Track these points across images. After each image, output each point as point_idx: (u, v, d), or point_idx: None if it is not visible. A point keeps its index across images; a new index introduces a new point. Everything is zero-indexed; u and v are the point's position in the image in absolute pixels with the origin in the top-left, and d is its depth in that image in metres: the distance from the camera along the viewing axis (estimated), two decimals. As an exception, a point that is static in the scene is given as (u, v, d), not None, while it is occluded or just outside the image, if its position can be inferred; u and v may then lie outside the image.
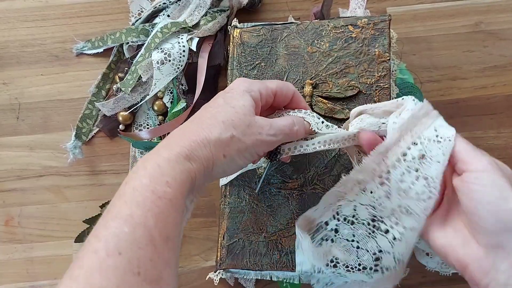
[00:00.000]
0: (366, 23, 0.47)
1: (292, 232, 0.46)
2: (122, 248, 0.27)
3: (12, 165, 0.56)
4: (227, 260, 0.46)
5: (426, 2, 0.57)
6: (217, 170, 0.36)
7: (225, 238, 0.47)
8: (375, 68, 0.46)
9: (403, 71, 0.51)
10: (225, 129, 0.35)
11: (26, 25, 0.59)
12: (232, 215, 0.47)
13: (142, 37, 0.55)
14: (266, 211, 0.46)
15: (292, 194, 0.46)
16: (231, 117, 0.35)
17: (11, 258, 0.54)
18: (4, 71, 0.58)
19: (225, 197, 0.48)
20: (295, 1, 0.58)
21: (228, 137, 0.35)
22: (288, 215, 0.46)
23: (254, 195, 0.47)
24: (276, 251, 0.46)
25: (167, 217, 0.30)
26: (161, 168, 0.32)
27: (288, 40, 0.49)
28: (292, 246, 0.45)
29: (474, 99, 0.54)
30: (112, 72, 0.57)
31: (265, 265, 0.45)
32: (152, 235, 0.29)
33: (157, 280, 0.28)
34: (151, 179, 0.31)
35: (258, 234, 0.46)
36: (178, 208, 0.31)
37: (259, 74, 0.49)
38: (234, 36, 0.50)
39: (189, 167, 0.33)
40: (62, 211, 0.55)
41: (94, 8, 0.59)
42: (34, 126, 0.57)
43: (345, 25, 0.48)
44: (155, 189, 0.30)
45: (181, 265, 0.53)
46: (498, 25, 0.56)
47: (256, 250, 0.46)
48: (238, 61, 0.50)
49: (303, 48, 0.48)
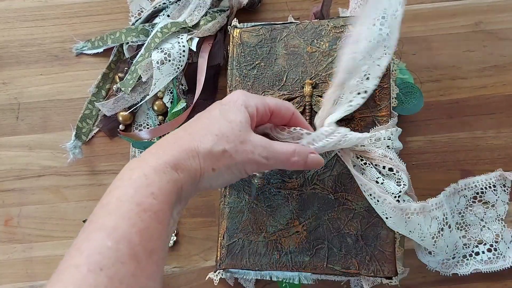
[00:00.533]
0: None
1: (292, 232, 0.46)
2: (104, 264, 0.26)
3: (12, 165, 0.56)
4: (226, 260, 0.46)
5: (426, 2, 0.57)
6: (204, 183, 0.35)
7: (224, 238, 0.46)
8: None
9: (403, 71, 0.51)
10: (218, 143, 0.34)
11: (26, 25, 0.59)
12: (232, 215, 0.47)
13: (142, 37, 0.55)
14: (266, 211, 0.46)
15: (291, 194, 0.46)
16: (225, 131, 0.34)
17: (10, 258, 0.54)
18: (4, 71, 0.58)
19: (224, 197, 0.47)
20: (295, 1, 0.58)
21: (219, 151, 0.34)
22: (287, 215, 0.46)
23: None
24: (275, 251, 0.45)
25: (152, 231, 0.29)
26: (147, 178, 0.31)
27: (287, 40, 0.49)
28: (292, 246, 0.45)
29: (474, 99, 0.54)
30: (112, 72, 0.57)
31: (264, 265, 0.45)
32: (135, 250, 0.28)
33: None
34: (137, 190, 0.30)
35: (257, 234, 0.46)
36: (164, 220, 0.30)
37: (258, 74, 0.49)
38: (233, 36, 0.50)
39: (176, 177, 0.32)
40: (61, 211, 0.55)
41: (93, 8, 0.59)
42: (34, 126, 0.57)
43: (344, 25, 0.48)
44: (141, 201, 0.29)
45: (181, 265, 0.53)
46: (498, 25, 0.56)
47: (256, 250, 0.46)
48: (237, 61, 0.49)
49: (302, 48, 0.48)
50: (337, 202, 0.45)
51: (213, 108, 0.37)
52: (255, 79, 0.48)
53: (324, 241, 0.45)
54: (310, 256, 0.45)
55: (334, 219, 0.45)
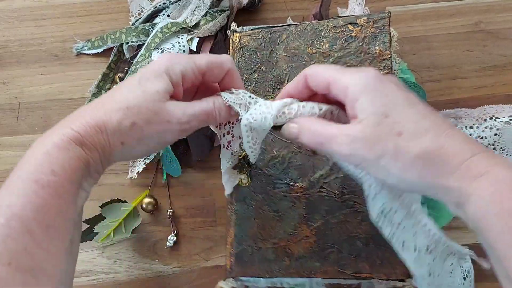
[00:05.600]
0: (366, 21, 0.47)
1: (301, 237, 0.45)
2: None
3: (12, 165, 0.56)
4: (236, 268, 0.45)
5: (426, 2, 0.57)
6: (117, 156, 0.34)
7: (233, 245, 0.45)
8: (377, 66, 0.46)
9: (405, 70, 0.51)
10: (126, 116, 0.33)
11: (26, 25, 0.59)
12: (239, 222, 0.46)
13: (142, 37, 0.55)
14: (273, 217, 0.45)
15: (298, 198, 0.45)
16: (137, 102, 0.33)
17: (11, 258, 0.54)
18: (4, 70, 0.58)
19: (231, 204, 0.46)
20: (295, 1, 0.58)
21: (127, 125, 0.33)
22: (295, 219, 0.45)
23: (260, 201, 0.46)
24: (285, 257, 0.45)
25: (50, 207, 0.30)
26: (50, 155, 0.31)
27: (287, 42, 0.48)
28: (301, 252, 0.44)
29: (474, 99, 0.54)
30: (112, 72, 0.57)
31: (275, 272, 0.44)
32: (29, 226, 0.29)
33: (33, 268, 0.28)
34: (37, 168, 0.31)
35: (266, 240, 0.45)
36: (65, 196, 0.31)
37: (260, 77, 0.48)
38: (233, 40, 0.50)
39: (81, 153, 0.32)
40: None
41: (94, 8, 0.59)
42: (34, 126, 0.57)
43: (344, 24, 0.47)
44: (40, 178, 0.30)
45: (181, 265, 0.53)
46: (498, 24, 0.56)
47: (265, 256, 0.45)
48: (238, 65, 0.49)
49: (303, 50, 0.48)
50: (345, 205, 0.44)
51: (135, 76, 0.35)
52: (257, 83, 0.48)
53: (334, 245, 0.44)
54: (320, 261, 0.44)
55: (342, 222, 0.44)
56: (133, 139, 0.33)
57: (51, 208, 0.30)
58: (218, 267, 0.53)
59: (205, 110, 0.35)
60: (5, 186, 0.31)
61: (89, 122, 0.33)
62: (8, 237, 0.28)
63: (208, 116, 0.35)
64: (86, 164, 0.32)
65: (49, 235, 0.30)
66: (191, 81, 0.35)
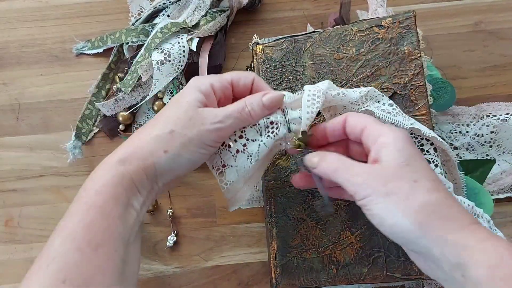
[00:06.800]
0: (391, 22, 0.46)
1: (345, 244, 0.45)
2: (52, 258, 0.31)
3: (12, 166, 0.56)
4: (283, 280, 0.45)
5: (426, 2, 0.57)
6: (163, 167, 0.36)
7: (277, 258, 0.45)
8: (407, 66, 0.45)
9: (430, 67, 0.50)
10: (164, 126, 0.36)
11: (26, 25, 0.59)
12: (281, 234, 0.46)
13: (142, 37, 0.55)
14: (316, 226, 0.45)
15: (339, 205, 0.45)
16: (173, 114, 0.36)
17: (11, 258, 0.54)
18: (4, 71, 0.58)
19: (270, 216, 0.46)
20: (295, 1, 0.58)
21: (166, 132, 0.35)
22: (338, 226, 0.45)
23: (301, 211, 0.46)
24: (332, 266, 0.44)
25: (97, 225, 0.32)
26: (94, 178, 0.35)
27: (312, 50, 0.48)
28: (348, 259, 0.44)
29: (474, 99, 0.54)
30: (112, 72, 0.57)
31: (323, 281, 0.44)
32: (79, 243, 0.31)
33: (85, 285, 0.30)
34: (85, 190, 0.34)
35: (311, 250, 0.45)
36: (111, 214, 0.33)
37: (287, 87, 0.48)
38: (257, 53, 0.49)
39: (122, 170, 0.34)
40: (62, 212, 0.53)
41: (94, 8, 0.59)
42: (34, 127, 0.57)
43: (369, 27, 0.46)
44: (87, 199, 0.33)
45: (181, 265, 0.53)
46: (498, 24, 0.56)
47: (312, 266, 0.45)
48: (264, 77, 0.48)
49: (329, 56, 0.47)
50: None
51: (173, 98, 0.39)
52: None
53: (381, 249, 0.44)
54: (368, 266, 0.44)
55: None
56: (176, 145, 0.35)
57: (99, 227, 0.32)
58: (218, 268, 0.53)
59: (237, 108, 0.37)
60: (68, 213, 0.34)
61: (136, 141, 0.36)
62: (63, 255, 0.31)
63: (241, 112, 0.37)
64: (129, 180, 0.34)
65: (97, 253, 0.32)
66: (221, 90, 0.38)
